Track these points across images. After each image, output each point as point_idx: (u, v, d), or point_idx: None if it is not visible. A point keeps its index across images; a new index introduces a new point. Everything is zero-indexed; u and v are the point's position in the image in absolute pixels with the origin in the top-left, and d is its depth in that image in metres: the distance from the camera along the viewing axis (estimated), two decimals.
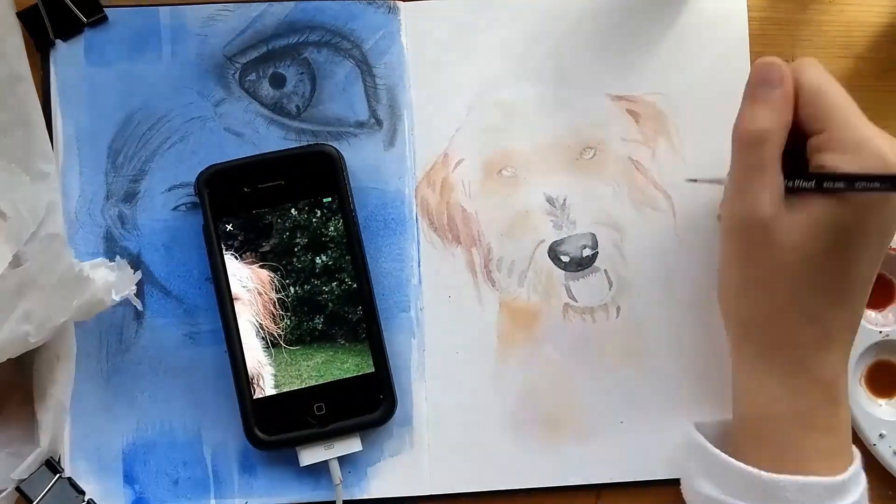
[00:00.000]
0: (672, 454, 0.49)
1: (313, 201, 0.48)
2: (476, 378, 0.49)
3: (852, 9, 0.51)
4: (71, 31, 0.50)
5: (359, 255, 0.48)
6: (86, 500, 0.48)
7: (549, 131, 0.50)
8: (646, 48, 0.51)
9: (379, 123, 0.50)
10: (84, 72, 0.50)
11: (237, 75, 0.50)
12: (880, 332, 0.49)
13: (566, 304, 0.50)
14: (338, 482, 0.48)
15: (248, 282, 0.48)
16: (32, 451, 0.47)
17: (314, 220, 0.48)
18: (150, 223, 0.50)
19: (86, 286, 0.45)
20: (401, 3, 0.51)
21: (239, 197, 0.48)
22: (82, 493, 0.48)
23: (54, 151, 0.49)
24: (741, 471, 0.42)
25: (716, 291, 0.45)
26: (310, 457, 0.48)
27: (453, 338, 0.50)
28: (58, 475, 0.47)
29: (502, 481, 0.49)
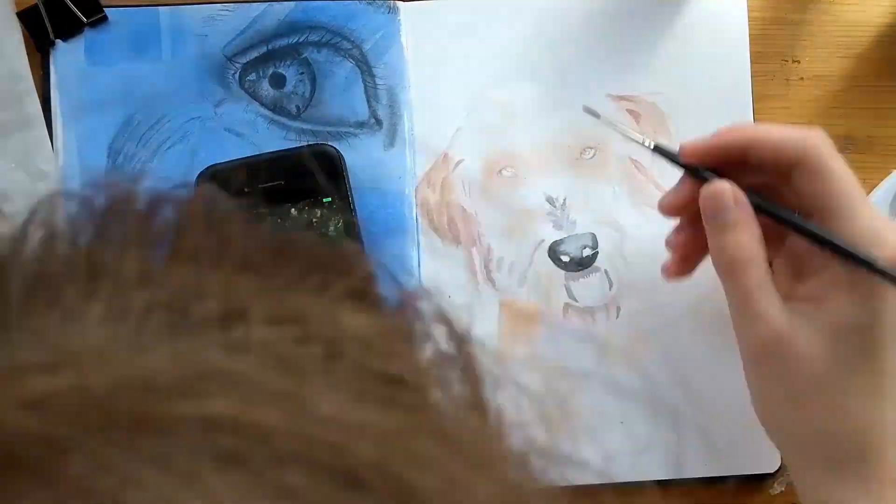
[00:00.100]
0: (673, 454, 0.49)
1: (313, 201, 0.48)
2: None
3: (852, 9, 0.51)
4: (71, 31, 0.50)
5: None
6: None
7: (549, 131, 0.50)
8: (646, 48, 0.51)
9: (379, 123, 0.50)
10: (84, 72, 0.50)
11: (237, 75, 0.50)
12: None
13: (566, 304, 0.50)
14: None
15: None
16: None
17: (314, 220, 0.49)
18: None
19: None
20: (401, 3, 0.51)
21: (239, 197, 0.48)
22: None
23: (54, 151, 0.49)
24: None
25: (716, 291, 0.45)
26: None
27: None
28: None
29: None
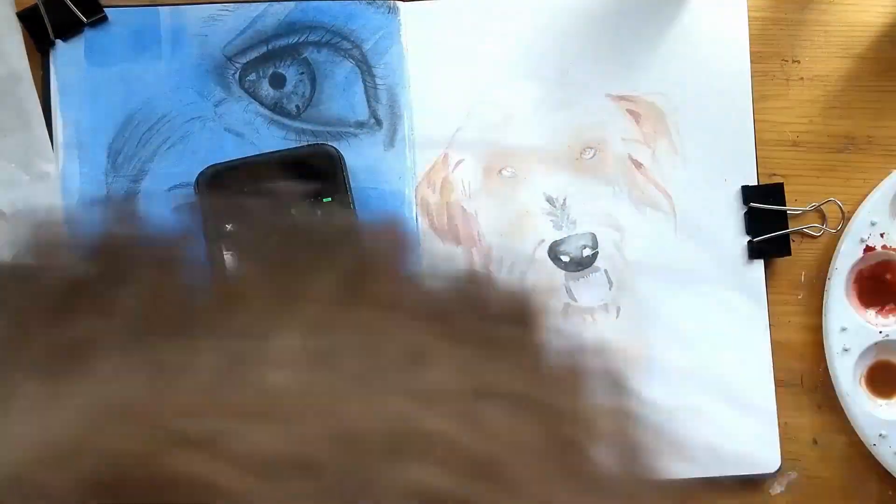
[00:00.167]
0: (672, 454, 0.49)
1: (313, 201, 0.48)
2: None
3: (852, 9, 0.51)
4: (71, 31, 0.50)
5: None
6: None
7: (549, 131, 0.50)
8: (646, 48, 0.51)
9: (379, 123, 0.50)
10: (84, 72, 0.50)
11: (237, 75, 0.50)
12: (880, 332, 0.49)
13: (566, 304, 0.50)
14: None
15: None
16: None
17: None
18: None
19: None
20: (401, 4, 0.51)
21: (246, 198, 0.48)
22: None
23: (54, 151, 0.49)
24: None
25: (717, 291, 0.45)
26: None
27: None
28: None
29: None
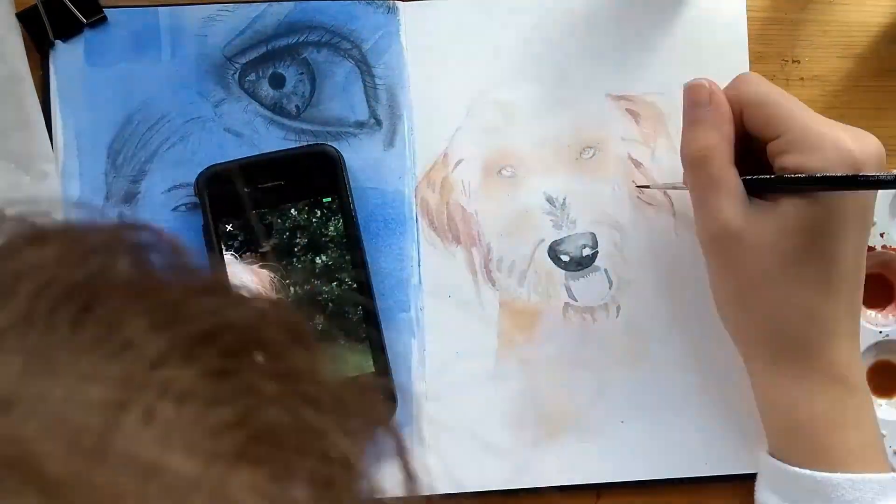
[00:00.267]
0: (672, 454, 0.49)
1: (313, 201, 0.48)
2: (476, 378, 0.49)
3: (852, 9, 0.51)
4: (71, 31, 0.50)
5: (359, 256, 0.48)
6: None
7: (549, 131, 0.50)
8: (646, 48, 0.51)
9: (379, 123, 0.50)
10: (84, 72, 0.50)
11: (237, 75, 0.50)
12: (880, 332, 0.49)
13: (566, 304, 0.50)
14: None
15: (248, 282, 0.48)
16: None
17: (314, 220, 0.49)
18: None
19: None
20: (400, 3, 0.51)
21: (239, 197, 0.48)
22: None
23: (54, 152, 0.49)
24: (796, 475, 0.41)
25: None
26: None
27: (453, 338, 0.50)
28: None
29: (503, 481, 0.49)
